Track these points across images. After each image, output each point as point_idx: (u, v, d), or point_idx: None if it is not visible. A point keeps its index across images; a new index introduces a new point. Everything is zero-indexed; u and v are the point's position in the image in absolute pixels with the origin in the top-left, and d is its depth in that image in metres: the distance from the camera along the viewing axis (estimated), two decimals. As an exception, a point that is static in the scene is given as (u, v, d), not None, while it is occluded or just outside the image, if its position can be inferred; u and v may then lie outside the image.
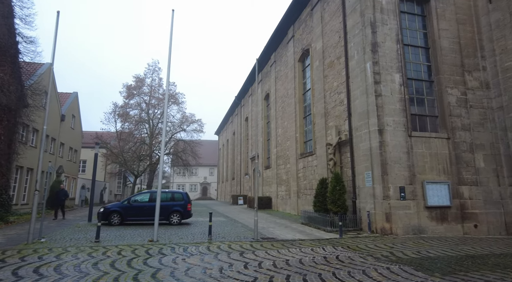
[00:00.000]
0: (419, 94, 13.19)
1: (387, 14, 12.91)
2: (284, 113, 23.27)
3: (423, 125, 12.85)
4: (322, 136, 16.56)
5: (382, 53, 12.50)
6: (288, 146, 22.05)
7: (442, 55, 13.21)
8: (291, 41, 21.93)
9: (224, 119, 51.01)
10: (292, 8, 20.43)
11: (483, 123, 12.99)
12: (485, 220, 12.12)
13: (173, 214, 14.45)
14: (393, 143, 11.82)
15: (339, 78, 15.15)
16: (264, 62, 28.73)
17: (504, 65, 12.69)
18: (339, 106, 15.06)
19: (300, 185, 19.73)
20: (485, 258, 7.56)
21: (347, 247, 8.80)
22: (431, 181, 11.91)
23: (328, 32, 16.48)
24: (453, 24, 13.59)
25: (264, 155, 28.74)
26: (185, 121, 36.92)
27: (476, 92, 13.24)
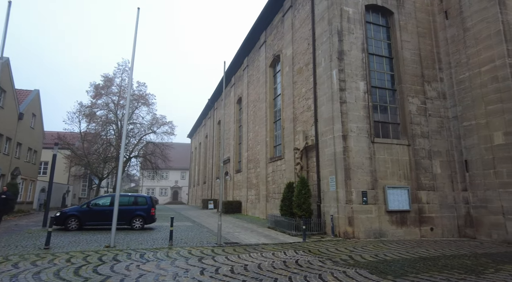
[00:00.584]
0: (382, 102, 13.68)
1: (354, 24, 13.32)
2: (256, 118, 23.32)
3: (386, 132, 13.32)
4: (290, 141, 16.73)
5: (348, 61, 12.86)
6: (259, 150, 22.08)
7: (404, 65, 13.81)
8: (263, 47, 22.09)
9: (197, 122, 50.36)
10: (264, 14, 20.62)
11: (440, 131, 13.69)
12: (440, 223, 12.71)
13: (136, 219, 13.92)
14: (356, 149, 12.14)
15: (307, 84, 15.41)
16: (237, 66, 28.73)
17: (458, 78, 13.48)
18: (307, 112, 15.29)
19: (269, 189, 19.78)
20: (436, 260, 7.88)
21: (308, 251, 8.85)
22: (392, 186, 12.34)
23: (298, 39, 16.75)
24: (414, 36, 14.28)
25: (236, 158, 28.61)
26: (156, 123, 35.96)
27: (434, 102, 13.94)
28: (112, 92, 33.32)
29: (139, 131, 34.92)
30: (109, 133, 33.24)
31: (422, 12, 14.78)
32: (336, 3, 13.20)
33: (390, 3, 14.25)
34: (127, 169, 37.86)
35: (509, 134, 11.35)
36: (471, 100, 12.87)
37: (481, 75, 12.47)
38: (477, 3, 12.89)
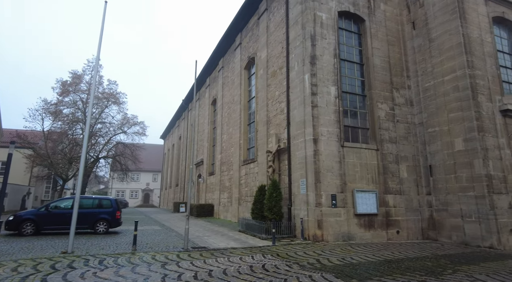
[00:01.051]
0: (352, 107, 13.96)
1: (327, 29, 13.53)
2: (230, 120, 23.10)
3: (355, 136, 13.59)
4: (263, 144, 16.67)
5: (320, 66, 13.01)
6: (232, 152, 21.87)
7: (374, 72, 14.19)
8: (238, 49, 21.99)
9: (170, 123, 49.29)
10: (240, 16, 20.54)
11: (407, 137, 14.16)
12: (405, 226, 13.10)
13: (100, 222, 13.23)
14: (326, 152, 12.26)
15: (280, 87, 15.44)
16: (213, 67, 28.42)
17: (424, 86, 14.05)
18: (280, 115, 15.31)
19: (241, 192, 19.59)
20: (400, 262, 8.05)
21: (276, 255, 8.75)
22: (361, 190, 12.56)
23: (272, 42, 16.79)
24: (384, 44, 14.73)
25: (209, 161, 28.19)
26: (126, 123, 34.75)
27: (402, 108, 14.42)
28: (80, 89, 31.85)
29: (109, 131, 33.62)
30: (76, 132, 31.71)
31: (392, 21, 15.30)
32: (310, 8, 13.35)
33: (362, 11, 14.63)
34: (95, 170, 36.27)
35: (468, 141, 11.93)
36: (435, 108, 13.43)
37: (444, 84, 13.06)
38: (440, 16, 13.52)
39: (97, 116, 32.71)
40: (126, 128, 35.11)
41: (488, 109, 12.28)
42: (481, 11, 13.56)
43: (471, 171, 11.77)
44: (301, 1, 13.62)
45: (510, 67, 14.39)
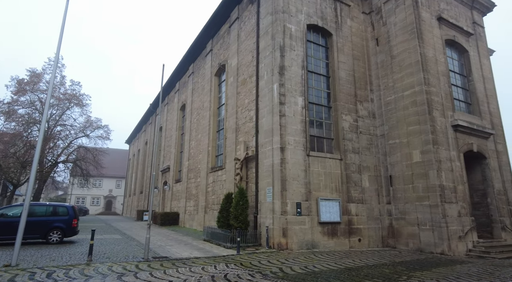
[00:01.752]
0: (318, 117, 14.35)
1: (295, 41, 13.88)
2: (199, 126, 22.81)
3: (321, 146, 13.94)
4: (232, 151, 16.60)
5: (288, 77, 13.29)
6: (200, 159, 21.53)
7: (339, 84, 14.73)
8: (209, 55, 21.91)
9: (136, 128, 47.69)
10: (211, 23, 20.54)
11: (369, 148, 14.77)
12: (367, 234, 13.55)
13: (53, 231, 12.35)
14: (293, 161, 12.45)
15: (250, 96, 15.54)
16: (183, 71, 28.05)
17: (386, 99, 14.81)
18: (249, 123, 15.37)
19: (208, 200, 19.28)
20: (359, 270, 8.27)
21: (240, 264, 8.65)
22: (325, 198, 12.85)
23: (243, 51, 16.92)
24: (349, 58, 15.38)
25: (176, 167, 27.53)
26: (89, 126, 33.17)
27: (365, 120, 15.05)
28: (39, 89, 29.97)
29: (69, 134, 31.85)
30: (32, 135, 29.67)
31: (357, 37, 16.05)
32: (280, 20, 13.66)
33: (330, 25, 15.21)
34: (53, 175, 34.06)
35: (425, 153, 12.68)
36: (396, 121, 14.17)
37: (404, 99, 13.85)
38: (401, 35, 14.41)
39: (57, 118, 30.91)
40: (89, 131, 33.50)
41: (442, 124, 13.17)
42: (435, 33, 14.64)
43: (426, 182, 12.49)
44: (272, 12, 13.91)
45: (460, 86, 15.62)
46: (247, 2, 17.04)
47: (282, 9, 13.80)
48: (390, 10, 15.25)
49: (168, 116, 32.37)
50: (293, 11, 14.13)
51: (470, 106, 15.64)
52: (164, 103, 34.10)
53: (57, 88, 30.94)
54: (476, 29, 17.02)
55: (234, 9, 18.50)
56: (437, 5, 15.47)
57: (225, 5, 18.69)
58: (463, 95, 15.62)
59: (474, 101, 15.61)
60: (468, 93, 15.81)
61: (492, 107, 16.01)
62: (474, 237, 12.46)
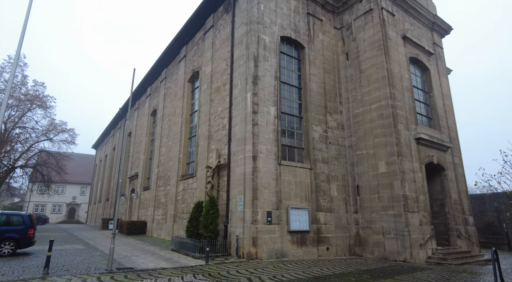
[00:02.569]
0: (290, 127, 14.61)
1: (269, 52, 14.14)
2: (170, 132, 22.37)
3: (292, 155, 14.17)
4: (204, 159, 16.41)
5: (262, 86, 13.46)
6: (171, 166, 21.07)
7: (311, 96, 15.13)
8: (183, 61, 21.71)
9: (104, 132, 45.87)
10: (186, 29, 20.42)
11: (338, 158, 15.21)
12: (335, 243, 13.84)
13: (5, 242, 11.45)
14: (264, 170, 12.53)
15: (223, 103, 15.53)
16: (155, 76, 27.51)
17: (354, 112, 15.39)
18: (222, 131, 15.32)
19: (178, 208, 18.83)
20: (326, 279, 8.41)
21: (208, 275, 8.50)
22: (295, 207, 13.01)
23: (217, 58, 16.95)
24: (321, 71, 15.88)
25: (145, 174, 26.69)
26: (53, 129, 31.52)
27: (334, 131, 15.52)
28: (-3, 88, 28.08)
29: (30, 137, 30.02)
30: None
31: (329, 51, 16.63)
32: (254, 30, 13.86)
33: (302, 38, 15.66)
34: (8, 181, 31.77)
35: (390, 164, 13.27)
36: (363, 133, 14.74)
37: (371, 112, 14.47)
38: (369, 50, 15.14)
39: (16, 120, 29.07)
40: (52, 135, 31.86)
41: (406, 137, 13.88)
42: (401, 50, 15.53)
43: (391, 192, 13.05)
44: (247, 22, 14.10)
45: (422, 101, 16.61)
46: (223, 11, 17.16)
47: (256, 20, 14.04)
48: (360, 26, 16.00)
49: (138, 122, 31.47)
50: (267, 23, 14.42)
51: (431, 120, 16.65)
52: (134, 108, 33.16)
53: (17, 88, 29.18)
54: (436, 49, 18.27)
55: (209, 17, 18.54)
56: (402, 25, 16.46)
57: (200, 12, 18.70)
58: (425, 110, 16.61)
59: (434, 116, 16.64)
60: (429, 108, 16.84)
61: (450, 122, 17.15)
62: (433, 244, 13.13)
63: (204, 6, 18.14)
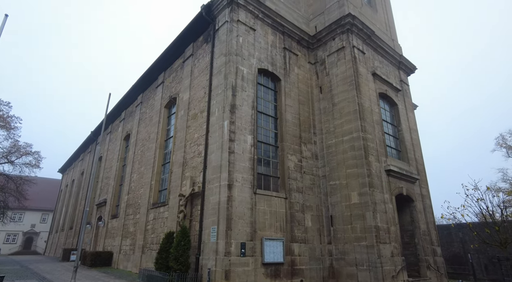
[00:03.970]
0: (266, 156, 14.73)
1: (247, 83, 14.51)
2: (143, 158, 21.78)
3: (267, 184, 14.17)
4: (177, 186, 16.00)
5: (239, 115, 13.65)
6: (142, 193, 20.29)
7: (286, 126, 15.48)
8: (160, 87, 21.71)
9: (73, 156, 43.85)
10: (165, 56, 20.64)
11: (312, 187, 15.38)
12: (308, 275, 13.61)
13: None
14: (240, 199, 12.38)
15: (200, 130, 15.50)
16: (131, 100, 27.14)
17: (327, 143, 15.86)
18: (197, 158, 15.15)
19: (147, 239, 17.93)
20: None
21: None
22: (269, 238, 12.80)
23: (195, 86, 17.13)
24: (296, 103, 16.41)
25: (114, 201, 25.45)
26: (16, 151, 29.75)
27: (309, 161, 15.81)
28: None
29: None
30: None
31: (303, 84, 17.33)
32: (233, 61, 14.27)
33: (279, 71, 16.28)
34: None
35: (362, 195, 13.58)
36: (336, 163, 15.12)
37: (343, 143, 14.97)
38: (341, 85, 15.95)
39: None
40: (14, 157, 29.99)
41: (376, 168, 14.38)
42: (371, 86, 16.49)
43: (363, 222, 13.24)
44: (226, 53, 14.51)
45: (391, 135, 17.47)
46: (202, 41, 17.61)
47: (235, 52, 14.50)
48: (333, 62, 16.93)
49: (110, 146, 30.48)
50: (245, 55, 14.92)
51: (400, 153, 17.45)
52: (107, 132, 32.22)
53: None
54: (403, 86, 19.58)
55: (189, 46, 18.92)
56: (372, 63, 17.61)
57: (180, 41, 19.06)
58: (394, 142, 17.43)
59: (403, 149, 17.47)
60: (398, 142, 17.70)
61: (417, 155, 18.04)
62: (404, 276, 13.25)
63: (185, 35, 18.56)
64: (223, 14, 15.47)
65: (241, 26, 15.20)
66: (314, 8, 19.58)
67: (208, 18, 16.24)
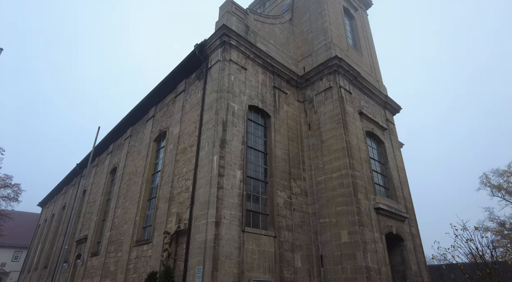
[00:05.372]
0: (255, 192, 14.55)
1: (237, 118, 14.73)
2: (128, 192, 21.18)
3: (256, 222, 13.83)
4: (162, 223, 15.43)
5: (229, 150, 13.67)
6: (125, 230, 19.44)
7: (276, 162, 15.52)
8: (151, 120, 21.79)
9: (56, 189, 42.27)
10: (157, 91, 20.98)
11: (302, 225, 15.08)
12: (298, 320, 12.86)
13: None
14: (227, 237, 11.98)
15: (189, 165, 15.35)
16: (120, 134, 26.98)
17: (317, 179, 15.86)
18: (185, 193, 14.83)
19: (128, 279, 16.86)
20: None
21: None
22: (257, 279, 12.22)
23: (186, 121, 17.26)
24: (285, 139, 16.63)
25: (95, 238, 24.20)
26: (-6, 184, 28.56)
27: (298, 197, 15.66)
28: None
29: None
30: None
31: (292, 120, 17.71)
32: (224, 98, 14.59)
33: (269, 108, 16.66)
34: None
35: (352, 234, 13.35)
36: (325, 200, 15.01)
37: (332, 180, 15.00)
38: (329, 123, 16.36)
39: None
40: (-9, 190, 28.69)
41: (366, 206, 14.31)
42: (358, 125, 16.96)
43: (354, 263, 12.87)
44: (217, 90, 14.87)
45: (379, 172, 17.65)
46: (195, 78, 18.09)
47: (227, 89, 14.89)
48: (320, 101, 17.49)
49: (95, 179, 29.67)
50: (236, 92, 15.31)
51: (388, 191, 17.52)
52: (93, 165, 31.54)
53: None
54: (389, 125, 20.20)
55: (182, 82, 19.36)
56: (358, 102, 18.28)
57: (173, 77, 19.52)
58: (382, 180, 17.57)
59: (391, 187, 17.58)
60: (386, 179, 17.85)
61: (405, 193, 18.14)
62: (398, 321, 12.66)
63: (178, 71, 19.05)
64: (216, 53, 16.09)
65: (233, 65, 15.77)
66: (303, 50, 20.62)
67: (201, 56, 16.83)
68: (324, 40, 19.38)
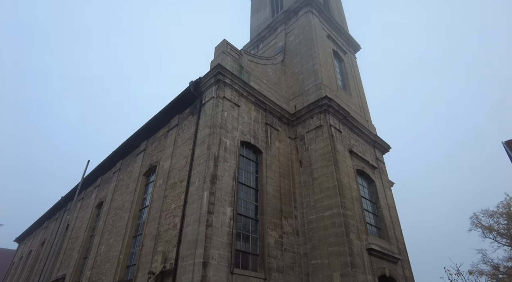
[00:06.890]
0: (245, 230, 14.15)
1: (229, 154, 14.76)
2: (114, 228, 20.34)
3: (245, 262, 13.29)
4: (147, 262, 14.68)
5: (220, 186, 13.50)
6: (107, 268, 18.37)
7: (267, 198, 15.32)
8: (141, 154, 21.61)
9: (36, 223, 40.36)
10: (150, 125, 21.08)
11: (293, 267, 14.52)
12: None
13: None
14: (215, 279, 11.41)
15: (178, 201, 15.01)
16: (109, 167, 26.51)
17: (308, 218, 15.61)
18: (172, 231, 14.31)
19: (105, 325, 15.62)
20: None
21: None
22: (245, 326, 11.47)
23: (177, 155, 17.18)
24: (277, 175, 16.59)
25: (73, 278, 22.73)
26: (-28, 217, 27.13)
27: (289, 237, 15.26)
28: None
29: None
30: None
31: (284, 157, 17.81)
32: (216, 133, 14.72)
33: (261, 144, 16.81)
34: None
35: (344, 276, 12.87)
36: (317, 240, 14.64)
37: (324, 219, 14.77)
38: (320, 160, 16.48)
39: None
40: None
41: (358, 247, 13.98)
42: (348, 163, 17.12)
43: (347, 308, 12.26)
44: (210, 125, 15.04)
45: (371, 211, 17.51)
46: (188, 113, 18.34)
47: (220, 124, 15.08)
48: (311, 139, 17.77)
49: (79, 213, 28.55)
50: (229, 128, 15.50)
51: (380, 231, 17.26)
52: (79, 198, 30.53)
53: None
54: (379, 164, 20.43)
55: (175, 116, 19.57)
56: (348, 141, 18.62)
57: (167, 112, 19.74)
58: (374, 220, 17.37)
59: (383, 227, 17.35)
60: (378, 219, 17.66)
61: (397, 234, 17.87)
62: None
63: (172, 107, 19.33)
64: (210, 90, 16.52)
65: (227, 102, 16.14)
66: (294, 89, 21.34)
67: (196, 93, 17.23)
68: (315, 81, 20.16)
